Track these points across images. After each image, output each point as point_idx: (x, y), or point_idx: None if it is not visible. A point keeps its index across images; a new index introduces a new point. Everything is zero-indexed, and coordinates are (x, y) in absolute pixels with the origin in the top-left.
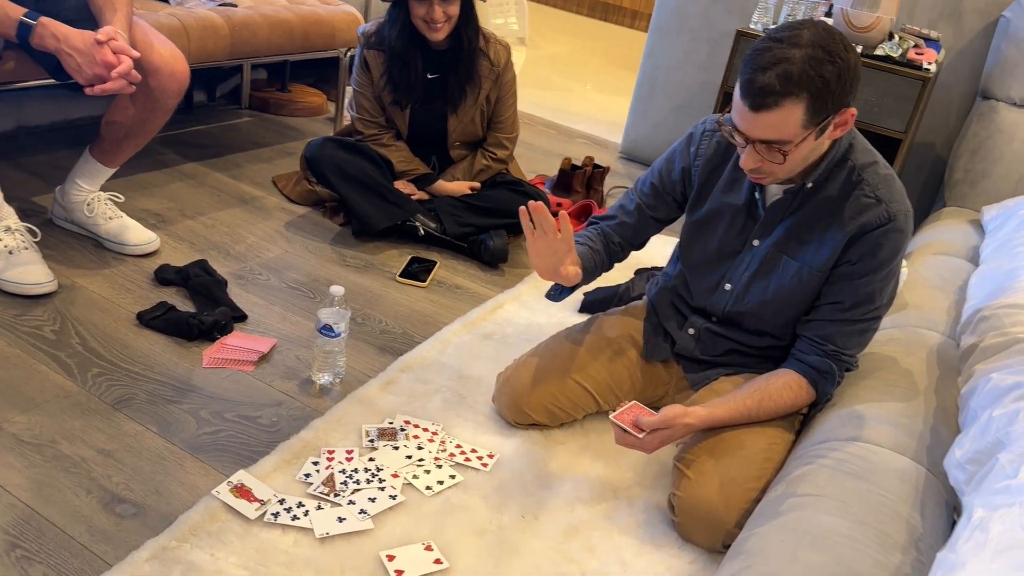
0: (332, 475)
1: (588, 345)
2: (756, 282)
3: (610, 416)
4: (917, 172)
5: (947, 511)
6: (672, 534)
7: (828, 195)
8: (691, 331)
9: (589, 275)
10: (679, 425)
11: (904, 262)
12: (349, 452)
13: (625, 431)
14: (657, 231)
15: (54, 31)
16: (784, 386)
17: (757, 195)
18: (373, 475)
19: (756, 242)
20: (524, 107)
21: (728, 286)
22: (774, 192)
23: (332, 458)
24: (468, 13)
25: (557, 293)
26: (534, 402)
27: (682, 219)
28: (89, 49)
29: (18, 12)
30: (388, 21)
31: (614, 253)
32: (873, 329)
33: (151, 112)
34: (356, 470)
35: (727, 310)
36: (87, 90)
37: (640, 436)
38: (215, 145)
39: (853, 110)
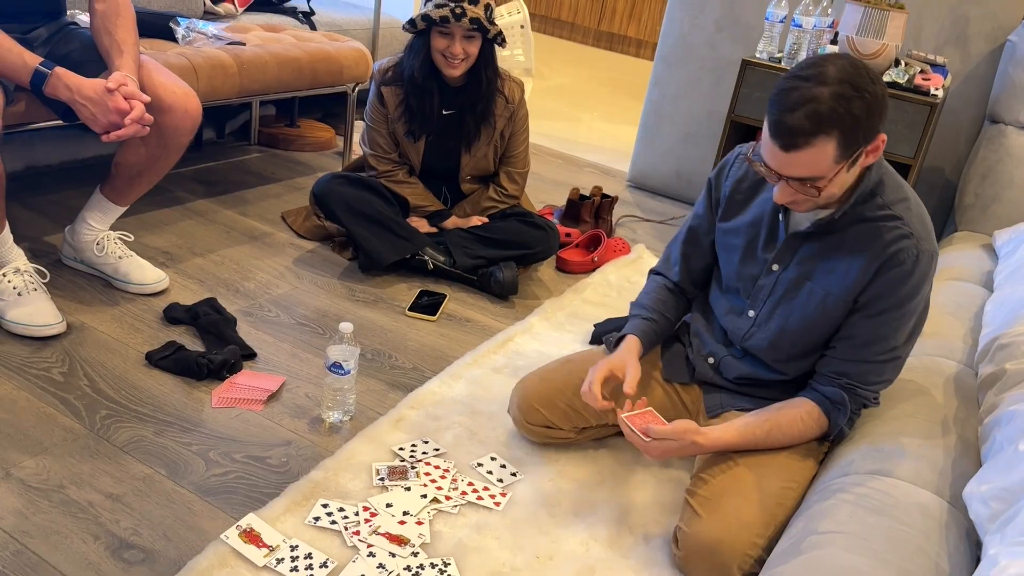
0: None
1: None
2: (779, 309)
3: (620, 415)
4: (927, 197)
5: (969, 544)
6: None
7: (857, 225)
8: (711, 360)
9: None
10: (688, 441)
11: None
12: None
13: (633, 431)
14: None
15: (67, 82)
16: (796, 418)
17: (781, 217)
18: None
19: (776, 267)
20: (532, 138)
21: (752, 312)
22: (800, 221)
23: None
24: (488, 54)
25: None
26: (541, 394)
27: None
28: (101, 98)
29: (35, 60)
30: (410, 51)
31: (683, 307)
32: (892, 368)
33: (163, 150)
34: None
35: (746, 339)
36: (103, 137)
37: (647, 440)
38: (224, 182)
39: (883, 135)
